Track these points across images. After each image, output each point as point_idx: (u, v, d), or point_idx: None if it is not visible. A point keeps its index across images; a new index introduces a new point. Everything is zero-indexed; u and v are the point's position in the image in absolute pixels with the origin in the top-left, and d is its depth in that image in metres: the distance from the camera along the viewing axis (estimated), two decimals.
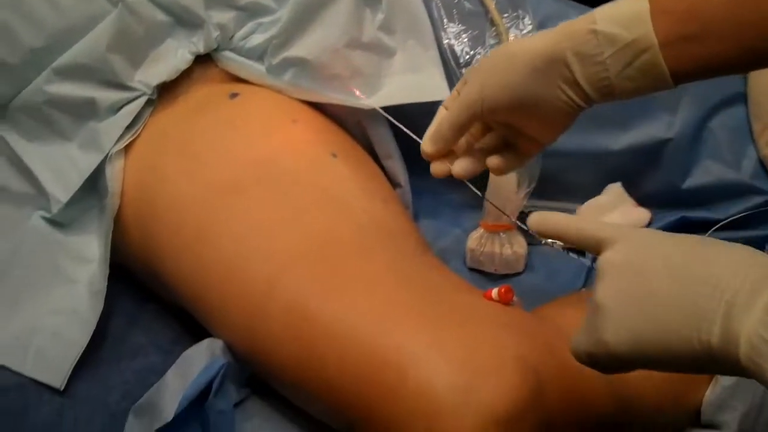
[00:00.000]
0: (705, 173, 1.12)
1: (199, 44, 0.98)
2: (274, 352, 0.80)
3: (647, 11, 0.66)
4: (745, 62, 0.67)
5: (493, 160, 0.79)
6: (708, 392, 0.84)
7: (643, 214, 1.11)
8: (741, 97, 1.13)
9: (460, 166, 0.79)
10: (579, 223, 0.63)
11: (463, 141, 0.80)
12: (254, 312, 0.81)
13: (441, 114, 0.79)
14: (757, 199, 1.11)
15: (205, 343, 0.85)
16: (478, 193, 0.87)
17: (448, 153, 0.80)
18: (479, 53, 1.05)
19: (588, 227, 0.62)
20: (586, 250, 0.63)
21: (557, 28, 0.70)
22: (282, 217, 0.85)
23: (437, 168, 0.81)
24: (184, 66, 0.98)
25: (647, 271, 0.57)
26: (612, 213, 1.10)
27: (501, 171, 0.79)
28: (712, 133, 1.12)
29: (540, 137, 0.77)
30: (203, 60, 1.00)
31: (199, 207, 0.87)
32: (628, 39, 0.66)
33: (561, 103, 0.71)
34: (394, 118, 0.92)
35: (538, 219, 0.66)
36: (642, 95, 0.70)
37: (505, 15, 1.09)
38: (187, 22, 0.98)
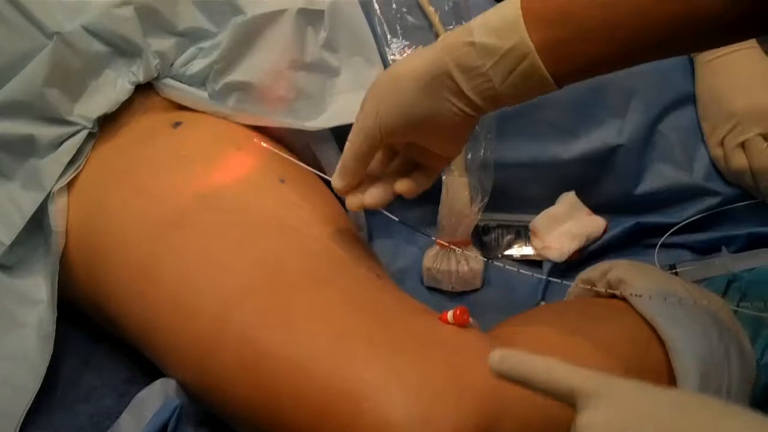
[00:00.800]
0: (657, 177, 1.11)
1: (138, 73, 0.96)
2: (228, 389, 0.78)
3: (520, 18, 0.67)
4: (621, 60, 0.69)
5: (400, 186, 0.81)
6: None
7: (598, 222, 1.10)
8: (690, 98, 1.13)
9: (372, 197, 0.81)
10: (548, 365, 0.55)
11: (373, 167, 0.82)
12: (205, 349, 0.79)
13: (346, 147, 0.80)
14: (711, 201, 1.10)
15: (158, 384, 0.83)
16: (394, 218, 0.87)
17: (360, 183, 0.82)
18: None
19: (559, 371, 0.54)
20: (556, 399, 0.55)
21: (438, 42, 0.72)
22: (229, 249, 0.83)
23: (351, 202, 0.82)
24: (124, 97, 0.95)
25: None
26: (567, 223, 1.09)
27: (410, 193, 0.81)
28: (662, 136, 1.11)
29: (444, 152, 0.79)
30: (144, 88, 0.98)
31: (144, 243, 0.85)
32: (505, 48, 0.68)
33: (453, 115, 0.72)
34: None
35: (499, 358, 0.57)
36: (530, 99, 0.72)
37: (449, 27, 1.07)
38: (125, 51, 0.96)
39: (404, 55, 1.07)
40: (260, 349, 0.76)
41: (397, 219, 0.87)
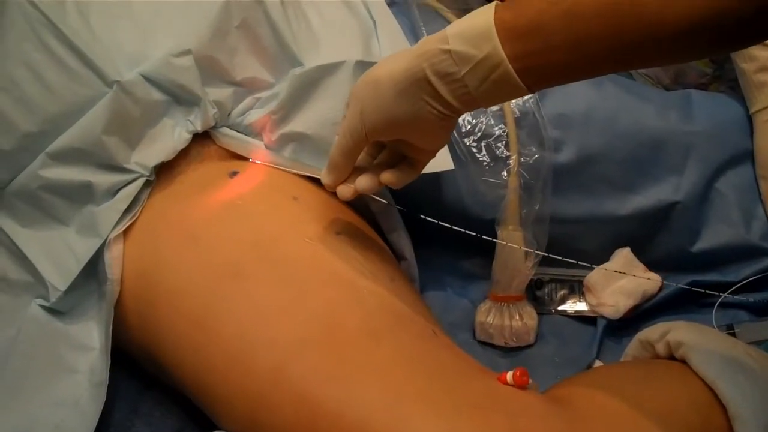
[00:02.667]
0: (714, 235, 1.10)
1: (196, 122, 0.96)
2: None
3: (493, 28, 0.69)
4: (588, 72, 0.70)
5: (385, 176, 0.83)
6: None
7: (654, 279, 1.08)
8: (748, 155, 1.12)
9: (361, 184, 0.84)
10: None
11: (362, 158, 0.85)
12: (259, 403, 0.78)
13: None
14: None
15: None
16: (383, 201, 0.94)
17: (348, 177, 0.85)
18: (481, 122, 1.04)
19: None
20: None
21: (415, 48, 0.75)
22: (285, 302, 0.82)
23: (342, 191, 0.85)
24: (181, 146, 0.96)
25: None
26: (622, 279, 1.08)
27: (395, 184, 0.83)
28: (720, 194, 1.10)
29: (428, 146, 0.81)
30: (201, 137, 0.98)
31: (199, 293, 0.85)
32: (479, 57, 0.70)
33: (432, 115, 0.75)
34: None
35: None
36: (504, 101, 0.78)
37: None
38: (183, 100, 0.96)
39: None
40: (316, 406, 0.75)
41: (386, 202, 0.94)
